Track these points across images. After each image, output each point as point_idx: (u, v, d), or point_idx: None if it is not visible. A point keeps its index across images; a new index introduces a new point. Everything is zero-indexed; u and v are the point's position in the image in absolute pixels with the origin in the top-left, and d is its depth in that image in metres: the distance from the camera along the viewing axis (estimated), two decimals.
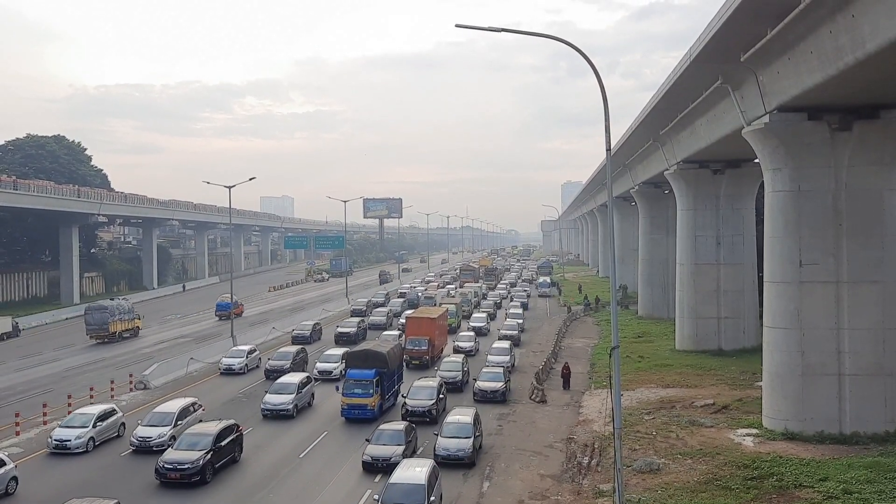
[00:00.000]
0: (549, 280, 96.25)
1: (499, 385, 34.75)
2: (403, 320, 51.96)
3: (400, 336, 47.60)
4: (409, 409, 30.98)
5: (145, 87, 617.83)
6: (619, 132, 54.34)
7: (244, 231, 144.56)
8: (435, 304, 64.56)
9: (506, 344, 43.99)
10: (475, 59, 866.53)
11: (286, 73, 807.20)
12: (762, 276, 30.92)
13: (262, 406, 32.42)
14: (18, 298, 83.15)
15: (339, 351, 41.51)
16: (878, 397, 26.95)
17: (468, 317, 61.92)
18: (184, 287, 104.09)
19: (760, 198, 38.68)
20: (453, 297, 72.08)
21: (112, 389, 37.46)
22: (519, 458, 26.71)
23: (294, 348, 43.69)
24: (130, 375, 40.50)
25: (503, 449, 27.67)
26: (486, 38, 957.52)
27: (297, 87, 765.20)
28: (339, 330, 54.25)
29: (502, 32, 19.71)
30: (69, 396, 34.84)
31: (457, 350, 46.41)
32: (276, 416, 32.01)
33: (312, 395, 34.74)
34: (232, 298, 62.05)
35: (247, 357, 43.61)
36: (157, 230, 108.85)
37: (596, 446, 27.36)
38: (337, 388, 32.91)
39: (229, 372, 42.58)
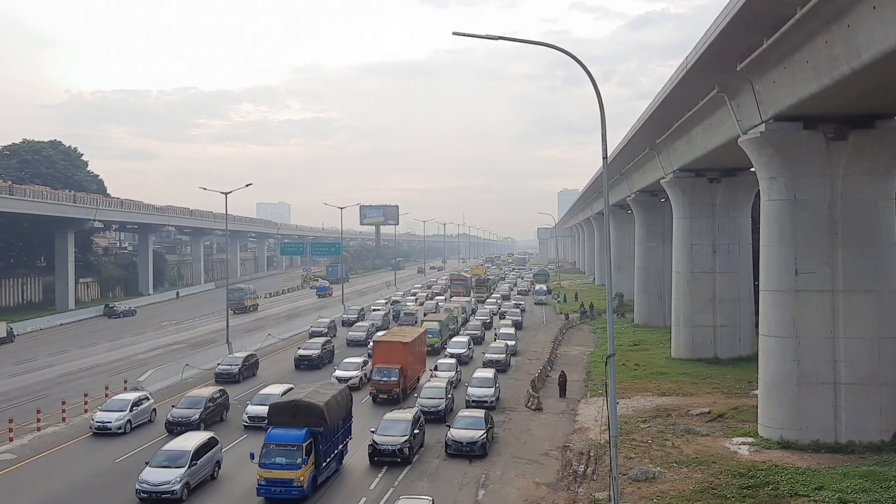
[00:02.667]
0: (545, 288, 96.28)
1: (478, 434, 27.53)
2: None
3: (366, 363, 41.38)
4: (378, 447, 26.41)
5: (142, 93, 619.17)
6: (615, 140, 54.63)
7: (240, 237, 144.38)
8: (415, 322, 57.69)
9: (489, 373, 37.20)
10: (472, 68, 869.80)
11: (283, 80, 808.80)
12: (758, 284, 30.96)
13: (136, 486, 22.81)
14: (13, 304, 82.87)
15: (281, 389, 32.69)
16: (873, 406, 26.97)
17: (455, 335, 54.88)
18: (177, 294, 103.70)
19: (756, 206, 38.78)
20: (436, 312, 63.68)
21: (107, 396, 37.28)
22: (514, 465, 26.67)
23: (209, 391, 33.44)
24: (125, 381, 40.39)
25: (499, 457, 27.63)
26: (482, 47, 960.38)
27: (293, 93, 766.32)
28: (300, 353, 46.29)
29: (499, 40, 19.82)
30: (63, 403, 34.78)
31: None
32: (157, 500, 22.77)
33: (218, 463, 25.33)
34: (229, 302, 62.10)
35: (130, 410, 31.57)
36: (153, 236, 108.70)
37: (591, 454, 27.35)
38: (251, 456, 23.55)
39: (103, 432, 30.65)
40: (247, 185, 59.17)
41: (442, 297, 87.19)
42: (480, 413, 29.56)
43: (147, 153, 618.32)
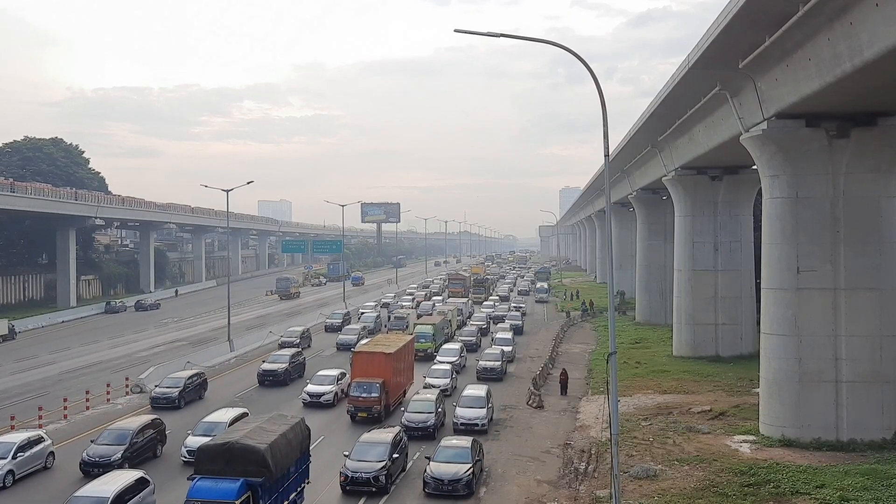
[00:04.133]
0: (546, 286, 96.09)
1: (462, 469, 23.19)
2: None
3: (342, 377, 37.03)
4: (351, 475, 23.11)
5: (143, 91, 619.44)
6: (617, 138, 54.50)
7: (242, 235, 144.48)
8: (406, 327, 54.11)
9: (481, 391, 32.45)
10: (474, 66, 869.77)
11: (285, 78, 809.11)
12: (760, 282, 30.93)
13: None
14: (15, 301, 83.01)
15: (231, 414, 27.78)
16: (874, 404, 26.96)
17: (449, 340, 51.84)
18: (176, 292, 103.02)
19: (758, 204, 38.77)
20: (430, 314, 59.89)
21: (108, 393, 37.34)
22: (516, 463, 26.67)
23: (139, 421, 27.40)
24: (127, 379, 40.39)
25: (500, 454, 27.63)
26: (484, 45, 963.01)
27: (295, 91, 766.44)
28: (264, 367, 40.81)
29: (501, 38, 19.74)
30: (65, 400, 34.81)
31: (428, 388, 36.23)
32: None
33: None
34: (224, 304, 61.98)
35: (14, 456, 24.50)
36: (154, 233, 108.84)
37: (593, 452, 27.35)
38: None
39: None
40: (248, 183, 59.16)
41: (439, 298, 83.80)
42: (467, 442, 25.01)
43: (149, 151, 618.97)
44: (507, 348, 46.59)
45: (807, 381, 27.33)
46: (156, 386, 36.68)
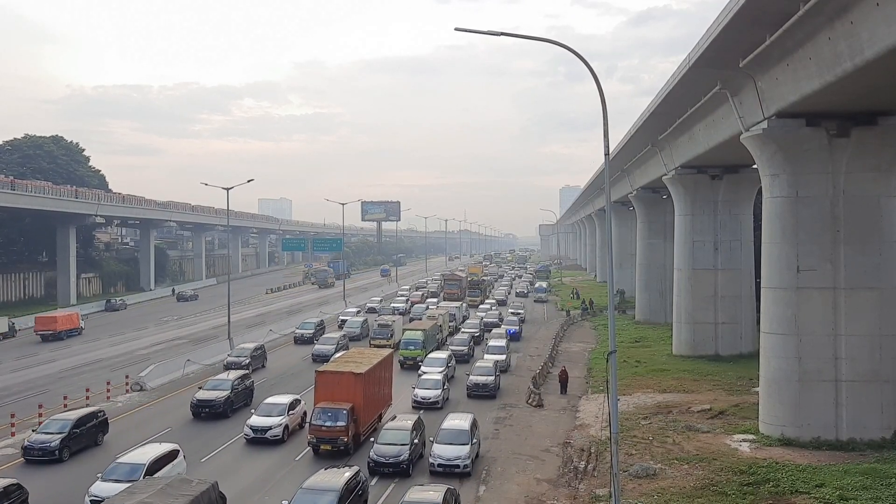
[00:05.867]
0: (544, 285, 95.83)
1: None
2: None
3: (296, 404, 31.00)
4: None
5: (143, 88, 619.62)
6: (617, 137, 54.46)
7: (242, 233, 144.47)
8: (391, 336, 49.22)
9: (464, 422, 26.53)
10: (474, 64, 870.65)
11: (285, 76, 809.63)
12: (759, 281, 30.94)
13: None
14: (15, 299, 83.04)
15: (159, 451, 22.98)
16: (874, 404, 26.96)
17: (439, 347, 48.97)
18: (173, 290, 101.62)
19: (758, 203, 38.75)
20: (420, 320, 55.84)
21: (108, 391, 37.36)
22: (515, 462, 26.69)
23: None
24: (126, 377, 40.42)
25: (499, 453, 27.66)
26: (485, 43, 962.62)
27: (295, 89, 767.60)
28: (199, 396, 32.93)
29: (501, 36, 19.70)
30: (65, 398, 34.83)
31: (418, 404, 33.57)
32: None
33: None
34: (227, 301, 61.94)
35: None
36: (154, 231, 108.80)
37: (592, 451, 27.37)
38: None
39: None
40: (248, 181, 59.28)
41: (435, 301, 78.92)
42: (438, 495, 19.74)
43: (149, 148, 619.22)
44: (501, 357, 42.30)
45: (806, 380, 27.34)
46: (32, 430, 28.35)
